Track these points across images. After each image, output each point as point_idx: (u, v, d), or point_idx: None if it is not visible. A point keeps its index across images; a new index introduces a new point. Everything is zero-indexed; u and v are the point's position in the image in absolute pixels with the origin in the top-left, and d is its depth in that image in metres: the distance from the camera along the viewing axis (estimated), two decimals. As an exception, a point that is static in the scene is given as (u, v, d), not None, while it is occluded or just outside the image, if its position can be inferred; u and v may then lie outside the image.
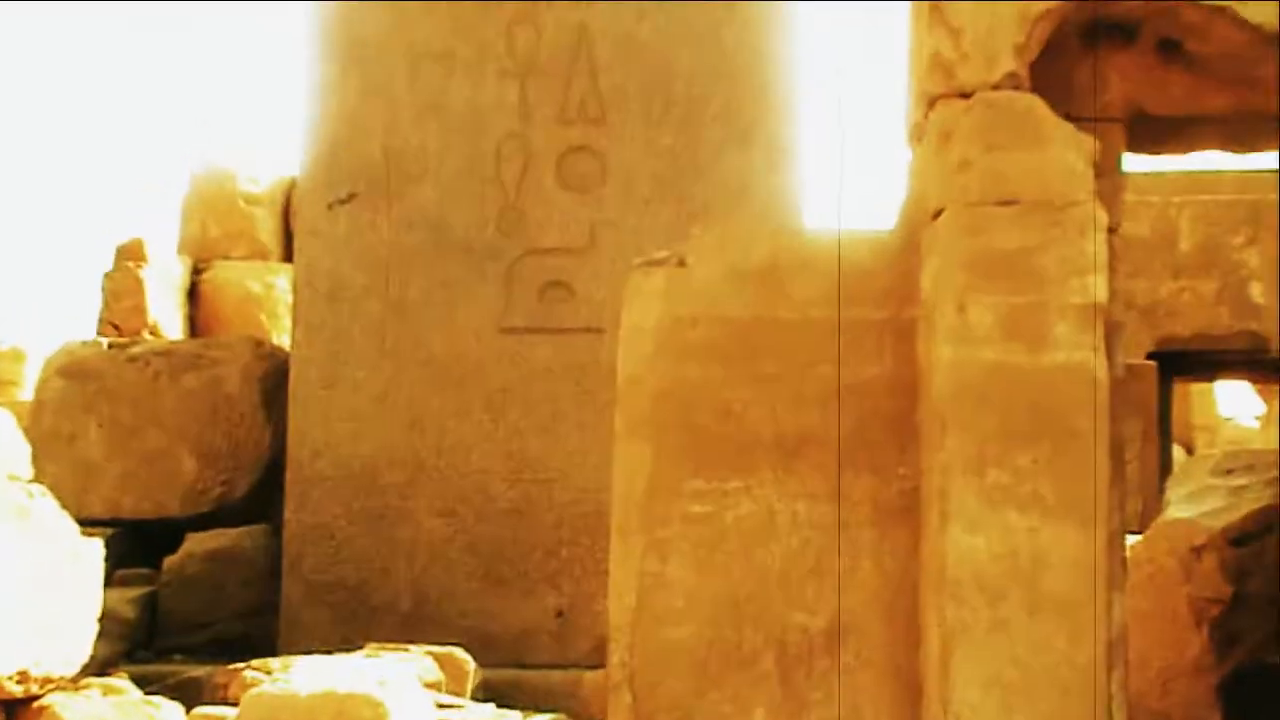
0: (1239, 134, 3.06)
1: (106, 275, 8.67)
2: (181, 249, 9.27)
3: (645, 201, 6.18)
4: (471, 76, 6.25)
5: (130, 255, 8.62)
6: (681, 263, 3.33)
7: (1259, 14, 2.84)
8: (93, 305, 8.68)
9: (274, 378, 6.58)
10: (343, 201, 6.33)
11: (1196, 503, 4.59)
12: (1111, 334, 2.99)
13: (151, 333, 8.55)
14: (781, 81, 6.16)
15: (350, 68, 6.32)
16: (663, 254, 3.38)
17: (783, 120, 6.14)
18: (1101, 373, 2.92)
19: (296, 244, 6.55)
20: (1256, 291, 6.44)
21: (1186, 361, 7.18)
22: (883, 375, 3.17)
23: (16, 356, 11.30)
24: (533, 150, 6.25)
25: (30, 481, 4.21)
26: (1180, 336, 6.92)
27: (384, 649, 4.71)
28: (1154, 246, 6.66)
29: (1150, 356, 7.06)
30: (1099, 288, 2.97)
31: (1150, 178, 6.95)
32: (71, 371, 6.65)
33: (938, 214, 3.09)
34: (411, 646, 4.77)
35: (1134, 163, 3.38)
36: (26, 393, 9.99)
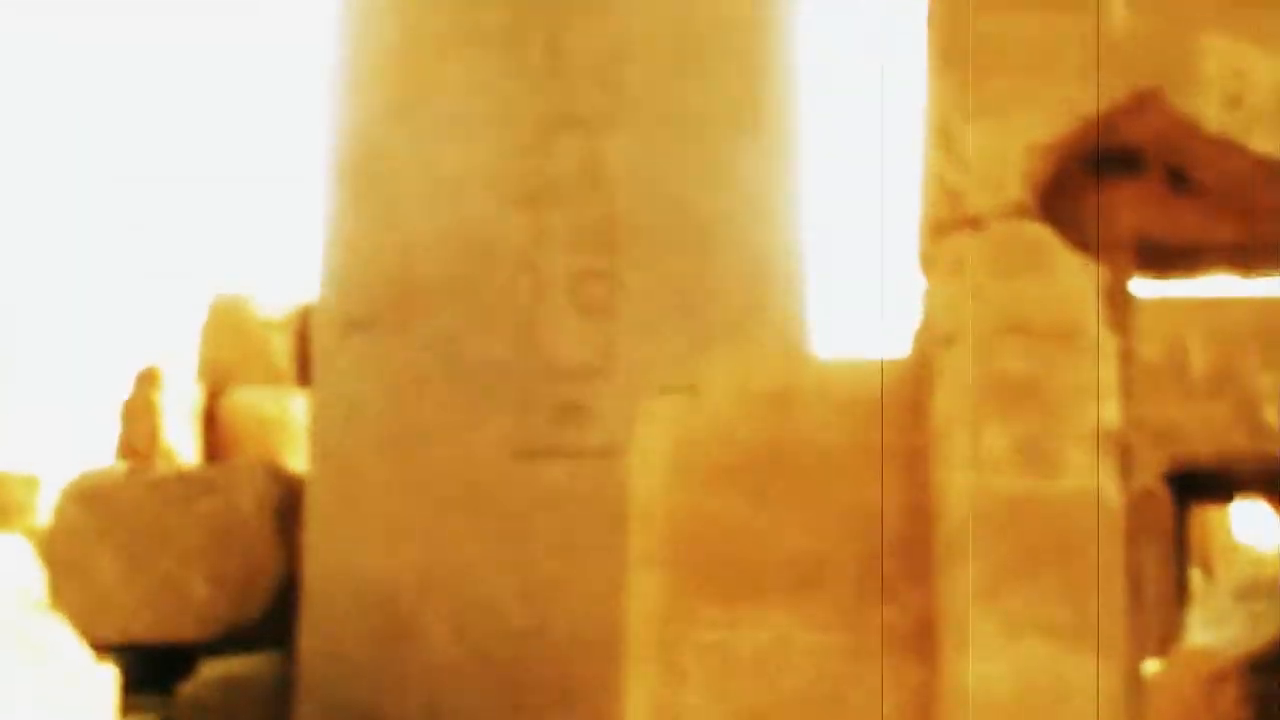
0: (1248, 260, 3.09)
1: (124, 401, 8.72)
2: (199, 374, 9.33)
3: (658, 325, 6.21)
4: (486, 202, 6.31)
5: (148, 381, 8.67)
6: (694, 390, 3.34)
7: (1264, 144, 2.88)
8: (110, 430, 8.72)
9: (288, 502, 6.59)
10: (358, 327, 6.37)
11: (1215, 628, 4.56)
12: (1125, 459, 2.99)
13: (167, 458, 8.57)
14: (794, 211, 6.22)
15: (365, 193, 6.38)
16: (676, 381, 3.40)
17: (795, 248, 6.19)
18: (1116, 499, 2.92)
19: (312, 369, 6.59)
20: (1271, 414, 6.45)
21: (1202, 484, 7.17)
22: (895, 501, 3.17)
23: (31, 482, 11.32)
24: (547, 275, 6.30)
25: (44, 607, 4.21)
26: (1195, 459, 6.92)
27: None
28: (1166, 368, 6.69)
29: (1165, 479, 7.05)
30: (1111, 414, 2.98)
31: (1161, 300, 6.99)
32: (87, 498, 6.67)
33: (950, 340, 3.11)
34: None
35: (1144, 285, 3.41)
36: (41, 518, 10.00)
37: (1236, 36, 2.89)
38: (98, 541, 6.50)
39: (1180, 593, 7.38)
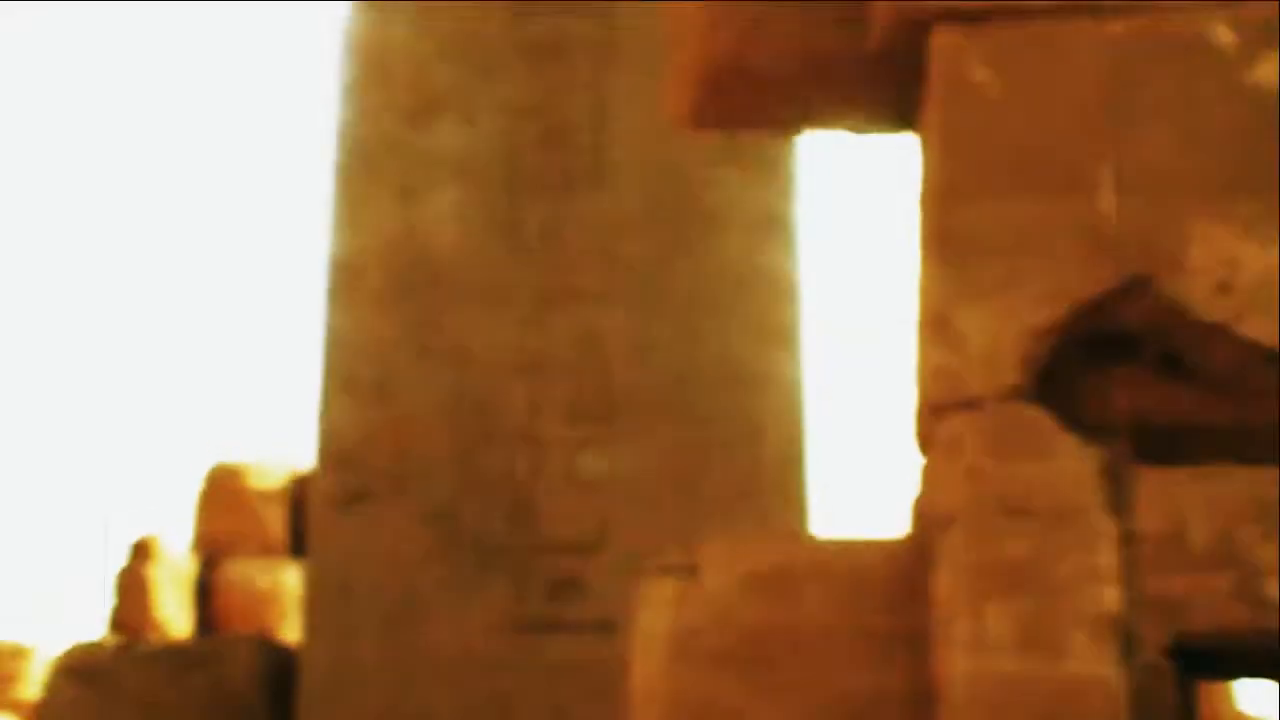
0: (1244, 445, 3.10)
1: (118, 573, 8.67)
2: (193, 545, 9.29)
3: (655, 497, 6.21)
4: (485, 374, 6.34)
5: (142, 553, 8.63)
6: (693, 570, 3.33)
7: (1256, 330, 2.91)
8: (103, 601, 8.65)
9: (282, 676, 6.51)
10: (354, 499, 6.36)
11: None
12: (1127, 639, 2.97)
13: (160, 630, 8.49)
14: (792, 385, 6.24)
15: (362, 367, 6.41)
16: (674, 561, 3.38)
17: (792, 422, 6.21)
18: (1118, 682, 2.90)
19: (307, 541, 6.56)
20: (1272, 587, 6.42)
21: (1205, 659, 7.11)
22: (897, 684, 3.14)
23: (22, 653, 11.21)
24: (544, 446, 6.31)
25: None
26: (1197, 633, 6.87)
27: None
28: (1166, 540, 6.67)
29: (1169, 654, 6.99)
30: (1112, 597, 2.97)
31: (1159, 472, 6.99)
32: (78, 672, 6.59)
33: (949, 522, 3.11)
34: None
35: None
36: (32, 690, 9.87)
37: (1225, 224, 2.93)
38: (90, 717, 6.41)
39: (1186, 768, 7.26)
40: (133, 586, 8.47)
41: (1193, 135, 2.98)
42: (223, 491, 9.40)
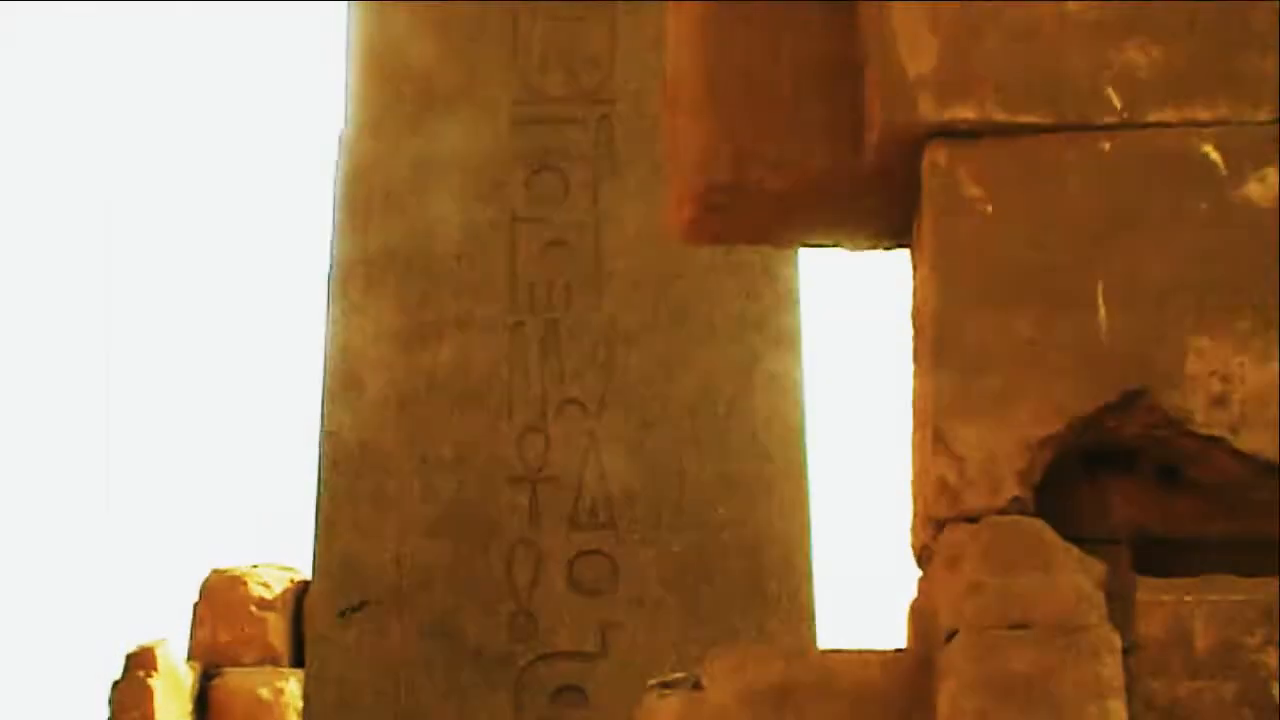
0: (1245, 557, 3.11)
1: (115, 684, 8.62)
2: (191, 654, 9.23)
3: (656, 604, 6.19)
4: (483, 485, 6.34)
5: (140, 664, 8.58)
6: (697, 685, 3.32)
7: (1254, 443, 2.93)
8: (101, 713, 8.60)
9: (282, 790, 6.46)
10: (354, 609, 6.34)
11: None
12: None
13: (158, 742, 8.43)
14: (794, 490, 6.25)
15: (362, 477, 6.42)
16: (678, 675, 3.38)
17: (795, 528, 6.21)
18: (1125, 798, 2.89)
19: (307, 651, 6.53)
20: (1275, 692, 6.36)
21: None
22: (903, 799, 3.13)
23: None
24: (544, 555, 6.31)
25: None
26: (1203, 739, 6.81)
27: None
28: (1169, 649, 6.63)
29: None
30: (1117, 710, 2.97)
31: (1161, 582, 6.96)
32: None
33: (950, 635, 3.11)
34: None
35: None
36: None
37: (1220, 339, 2.96)
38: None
39: None
40: (130, 699, 8.41)
41: (1186, 251, 3.02)
42: (221, 599, 9.37)
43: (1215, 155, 3.00)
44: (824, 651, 3.71)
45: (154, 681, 8.49)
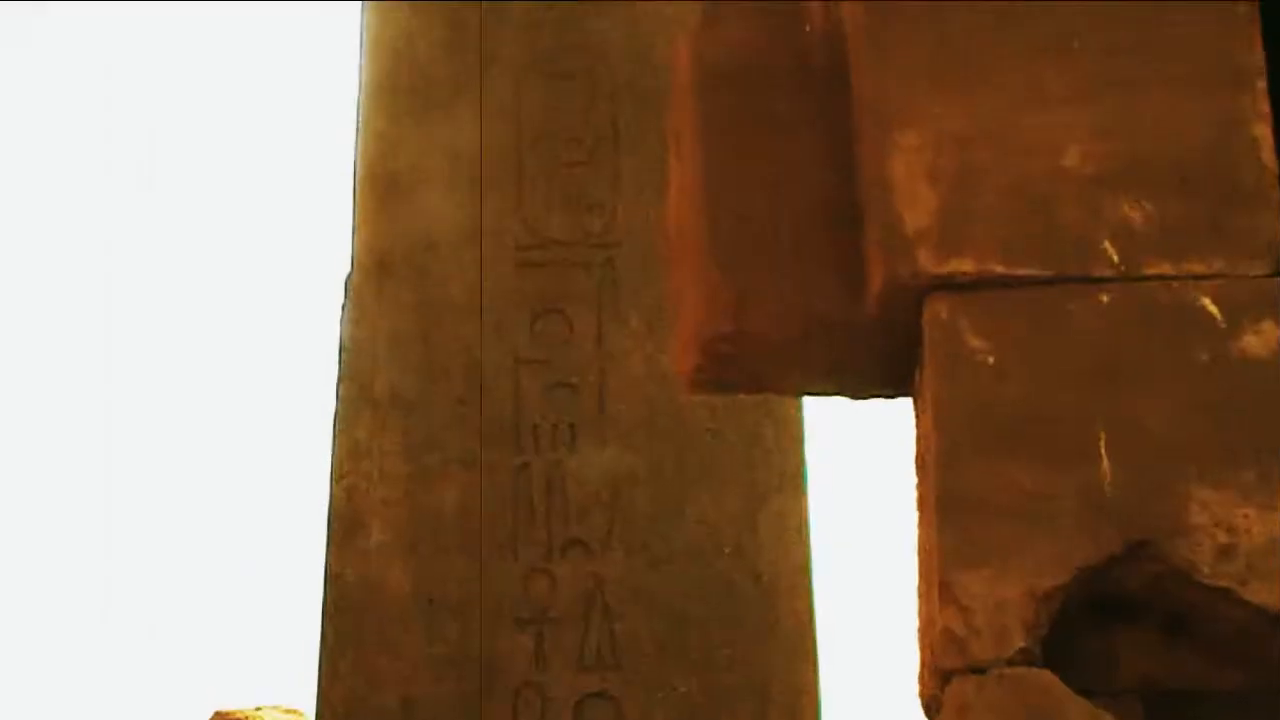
0: (1252, 710, 3.09)
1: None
2: (192, 799, 9.11)
3: (663, 748, 6.14)
4: (489, 627, 6.32)
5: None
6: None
7: (1262, 595, 2.92)
8: None
9: None
10: (359, 754, 6.28)
11: None
12: None
13: None
14: (799, 630, 6.22)
15: (365, 619, 6.40)
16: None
17: (801, 669, 6.17)
18: None
19: (312, 799, 6.45)
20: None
21: None
22: None
23: None
24: (550, 697, 6.26)
25: None
26: None
27: None
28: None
29: None
30: None
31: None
32: None
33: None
34: None
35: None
36: None
37: (1224, 491, 2.97)
38: None
39: None
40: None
41: (1187, 402, 3.03)
42: (224, 742, 9.25)
43: (1213, 308, 3.02)
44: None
45: (154, 828, 8.37)
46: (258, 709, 9.57)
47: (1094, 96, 3.15)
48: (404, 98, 6.71)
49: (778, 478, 6.34)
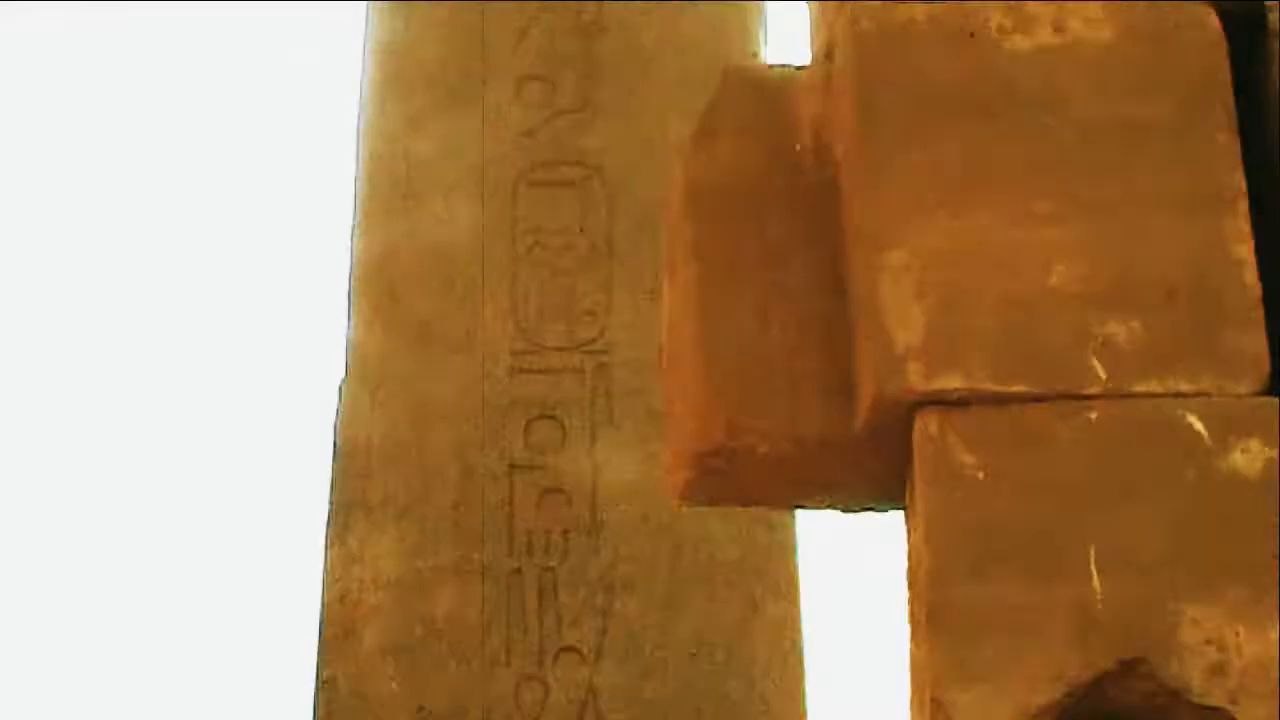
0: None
1: None
2: None
3: None
4: (482, 731, 6.29)
5: None
6: None
7: (1254, 713, 2.92)
8: None
9: None
10: None
11: None
12: None
13: None
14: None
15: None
16: None
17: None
18: None
19: None
20: None
21: None
22: None
23: None
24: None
25: None
26: None
27: None
28: None
29: None
30: None
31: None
32: None
33: None
34: None
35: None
36: None
37: (1214, 608, 2.98)
38: None
39: None
40: None
41: (1177, 519, 3.05)
42: None
43: (1200, 426, 3.06)
44: None
45: None
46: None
47: (1079, 217, 3.20)
48: (400, 203, 6.77)
49: (771, 586, 6.34)
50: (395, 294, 6.75)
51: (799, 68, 3.65)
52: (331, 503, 6.65)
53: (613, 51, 6.78)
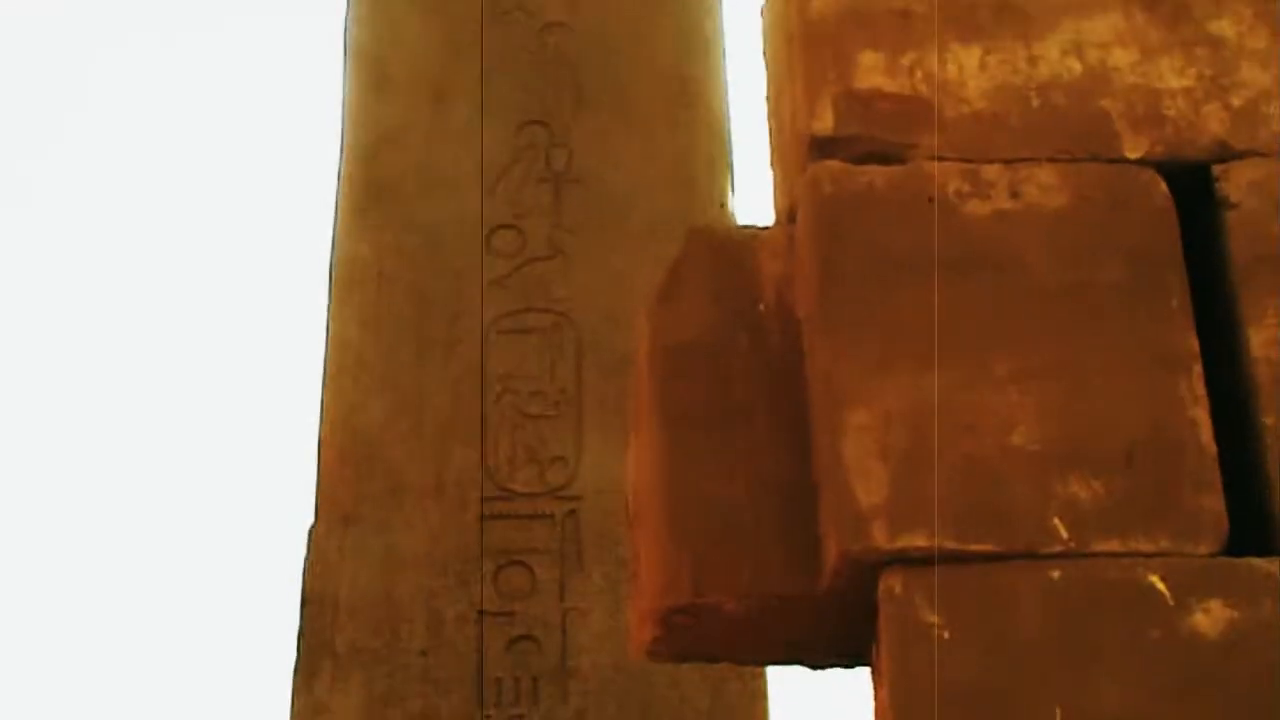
0: None
1: None
2: None
3: None
4: None
5: None
6: None
7: None
8: None
9: None
10: None
11: None
12: None
13: None
14: None
15: None
16: None
17: None
18: None
19: None
20: None
21: None
22: None
23: None
24: None
25: None
26: None
27: None
28: None
29: None
30: None
31: None
32: None
33: None
34: None
35: None
36: None
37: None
38: None
39: None
40: None
41: (1140, 679, 3.06)
42: None
43: (1161, 586, 3.08)
44: None
45: None
46: None
47: (1039, 377, 3.24)
48: (371, 366, 6.81)
49: (737, 725, 6.30)
50: (365, 440, 6.76)
51: (762, 228, 3.71)
52: (298, 649, 6.59)
53: (583, 200, 6.87)
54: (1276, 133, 3.36)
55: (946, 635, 3.19)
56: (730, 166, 7.18)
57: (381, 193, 7.08)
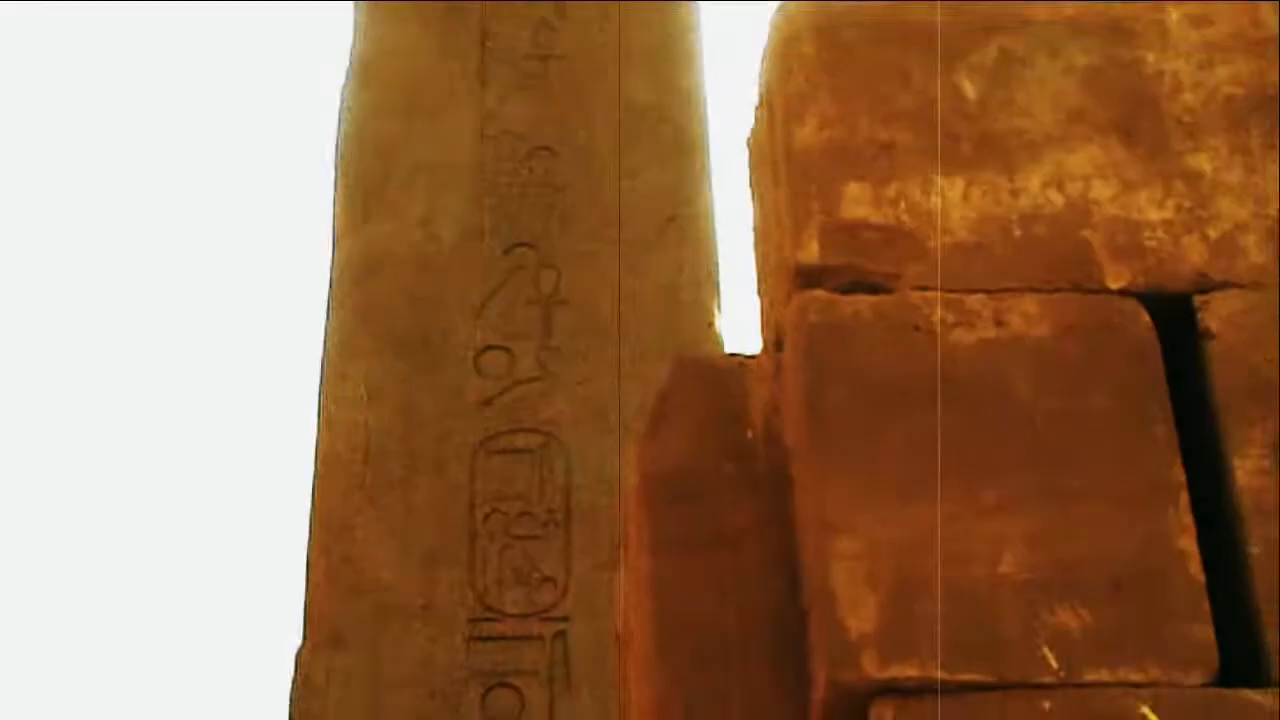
0: None
1: None
2: None
3: None
4: None
5: None
6: None
7: None
8: None
9: None
10: None
11: None
12: None
13: None
14: None
15: None
16: None
17: None
18: None
19: None
20: None
21: None
22: None
23: None
24: None
25: None
26: None
27: None
28: None
29: None
30: None
31: None
32: None
33: None
34: None
35: None
36: None
37: None
38: None
39: None
40: None
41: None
42: None
43: (1153, 717, 3.07)
44: None
45: None
46: None
47: (1027, 507, 3.25)
48: (359, 484, 6.81)
49: None
50: (350, 558, 6.74)
51: (749, 356, 3.74)
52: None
53: (571, 322, 6.92)
54: (1253, 264, 3.41)
55: (943, 764, 3.17)
56: (717, 285, 7.24)
57: (370, 314, 7.12)
